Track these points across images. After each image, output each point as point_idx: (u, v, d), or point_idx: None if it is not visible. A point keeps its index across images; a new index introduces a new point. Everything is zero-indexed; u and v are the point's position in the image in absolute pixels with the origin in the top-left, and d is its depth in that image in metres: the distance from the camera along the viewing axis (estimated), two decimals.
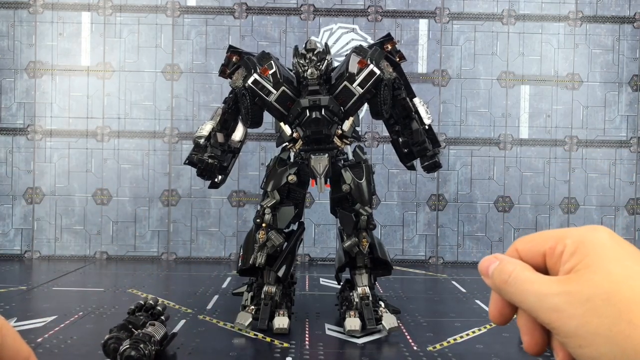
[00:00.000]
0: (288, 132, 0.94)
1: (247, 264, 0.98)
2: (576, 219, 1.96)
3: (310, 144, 0.92)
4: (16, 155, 1.92)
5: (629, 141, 1.97)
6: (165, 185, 1.93)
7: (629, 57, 1.96)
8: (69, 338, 0.99)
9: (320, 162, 0.90)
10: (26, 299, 1.31)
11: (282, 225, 0.96)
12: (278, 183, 0.95)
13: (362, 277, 0.97)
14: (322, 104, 0.88)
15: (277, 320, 0.94)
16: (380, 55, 0.93)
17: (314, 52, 0.90)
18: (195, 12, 1.94)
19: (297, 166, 0.96)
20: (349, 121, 0.93)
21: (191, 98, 1.93)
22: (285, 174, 0.94)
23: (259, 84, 0.91)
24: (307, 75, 0.90)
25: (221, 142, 1.00)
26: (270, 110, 0.94)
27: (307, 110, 0.89)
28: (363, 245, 0.94)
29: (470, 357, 0.93)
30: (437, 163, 0.97)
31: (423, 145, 0.95)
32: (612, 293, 0.47)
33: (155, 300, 0.98)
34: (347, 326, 0.91)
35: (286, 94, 0.91)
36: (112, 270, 1.73)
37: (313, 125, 0.90)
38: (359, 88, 0.90)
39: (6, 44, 1.92)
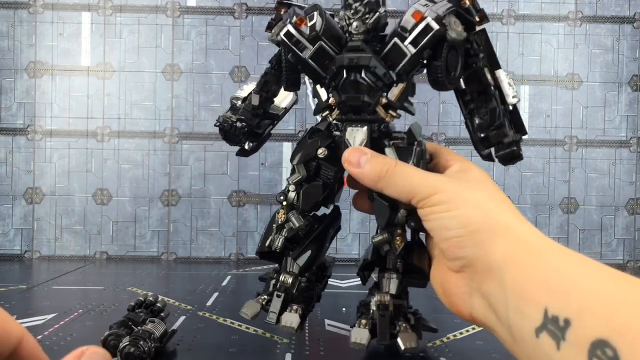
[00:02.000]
0: (324, 97, 0.78)
1: (264, 247, 0.83)
2: (576, 218, 1.96)
3: (348, 113, 0.75)
4: (16, 155, 1.92)
5: (628, 141, 1.97)
6: (165, 185, 1.93)
7: (629, 57, 1.97)
8: (69, 335, 0.99)
9: (357, 135, 0.74)
10: (26, 297, 1.31)
11: (305, 206, 0.79)
12: (306, 156, 0.79)
13: (390, 282, 0.79)
14: (360, 63, 0.71)
15: (286, 315, 0.78)
16: (446, 9, 0.71)
17: (362, 2, 0.74)
18: (195, 12, 1.94)
19: (331, 139, 0.79)
20: (398, 88, 0.74)
21: (191, 98, 1.93)
22: (316, 146, 0.78)
23: (292, 37, 0.75)
24: (351, 29, 0.74)
25: (255, 105, 0.87)
26: (305, 70, 0.77)
27: (344, 71, 0.73)
28: (396, 244, 0.75)
29: (470, 353, 0.93)
30: (516, 153, 0.75)
31: (501, 129, 0.74)
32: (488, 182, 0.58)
33: (155, 297, 0.98)
34: (352, 337, 0.75)
35: (324, 51, 0.74)
36: (112, 270, 1.73)
37: (350, 89, 0.73)
38: (410, 47, 0.71)
39: (6, 44, 1.92)
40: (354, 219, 1.91)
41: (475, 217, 0.55)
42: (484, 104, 0.75)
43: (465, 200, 0.57)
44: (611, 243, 1.96)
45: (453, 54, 0.73)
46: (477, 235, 0.55)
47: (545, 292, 0.45)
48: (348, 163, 0.67)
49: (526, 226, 0.55)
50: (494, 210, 0.57)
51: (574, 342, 0.40)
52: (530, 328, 0.45)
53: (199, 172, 1.93)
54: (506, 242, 0.53)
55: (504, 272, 0.51)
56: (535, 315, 0.45)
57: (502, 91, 0.75)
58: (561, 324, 0.42)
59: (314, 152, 0.78)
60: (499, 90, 0.75)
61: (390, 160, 0.64)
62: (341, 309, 1.18)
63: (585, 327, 0.40)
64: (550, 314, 0.44)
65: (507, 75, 0.76)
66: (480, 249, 0.54)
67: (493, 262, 0.53)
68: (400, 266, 0.77)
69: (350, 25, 0.73)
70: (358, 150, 0.67)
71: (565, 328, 0.41)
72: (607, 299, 0.41)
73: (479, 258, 0.54)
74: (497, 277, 0.52)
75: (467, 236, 0.55)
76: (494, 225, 0.55)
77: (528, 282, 0.48)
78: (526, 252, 0.51)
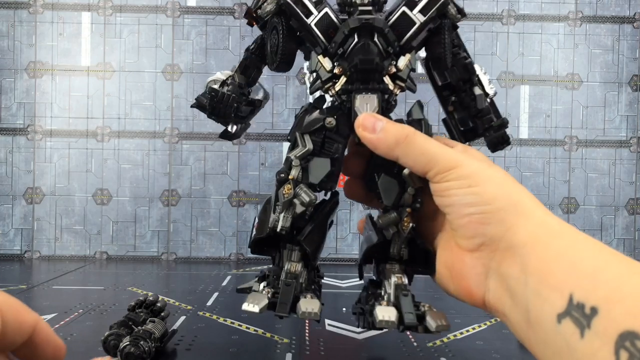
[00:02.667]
0: (328, 67, 0.72)
1: (264, 231, 0.73)
2: (576, 218, 1.96)
3: (355, 82, 0.70)
4: (16, 155, 1.92)
5: (628, 141, 1.97)
6: (165, 185, 1.93)
7: (629, 57, 1.97)
8: (69, 335, 0.99)
9: (368, 102, 0.69)
10: (26, 297, 1.31)
11: (314, 179, 0.72)
12: (312, 125, 0.72)
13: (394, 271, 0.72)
14: (375, 25, 0.68)
15: (303, 302, 0.68)
16: None
17: None
18: (195, 12, 1.94)
19: (337, 110, 0.73)
20: (406, 57, 0.71)
21: (191, 98, 1.93)
22: (322, 116, 0.72)
23: (299, 1, 0.71)
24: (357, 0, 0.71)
25: (240, 82, 0.82)
26: (308, 38, 0.72)
27: (356, 35, 0.69)
28: (404, 226, 0.69)
29: (471, 353, 0.92)
30: (506, 136, 0.75)
31: (488, 115, 0.74)
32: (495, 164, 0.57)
33: (155, 297, 0.98)
34: (379, 315, 0.66)
35: (329, 18, 0.71)
36: (112, 270, 1.73)
37: (362, 53, 0.69)
38: (420, 15, 0.70)
39: (6, 44, 1.92)
40: (354, 219, 1.91)
41: (499, 194, 0.54)
42: (467, 93, 0.75)
43: (487, 177, 0.55)
44: (611, 243, 1.96)
45: (447, 34, 0.72)
46: (501, 213, 0.53)
47: (571, 277, 0.44)
48: (363, 128, 0.63)
49: (547, 211, 0.54)
50: (515, 189, 0.55)
51: (601, 331, 0.39)
52: (552, 313, 0.44)
53: (199, 172, 1.93)
54: (531, 223, 0.51)
55: (527, 253, 0.49)
56: (559, 301, 0.44)
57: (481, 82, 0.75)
58: (587, 311, 0.41)
59: (322, 121, 0.72)
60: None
61: (409, 128, 0.62)
62: (341, 309, 1.18)
63: (614, 317, 0.39)
64: (575, 301, 0.42)
65: (481, 68, 0.77)
66: (505, 227, 0.52)
67: (517, 242, 0.51)
68: (405, 253, 0.71)
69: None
70: (372, 116, 0.64)
71: (592, 316, 0.40)
72: (637, 290, 0.40)
73: (503, 236, 0.53)
74: (519, 258, 0.50)
75: (492, 213, 0.53)
76: (518, 205, 0.53)
77: (553, 266, 0.46)
78: (551, 235, 0.49)
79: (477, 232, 0.54)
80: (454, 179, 0.56)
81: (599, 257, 0.45)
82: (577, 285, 0.43)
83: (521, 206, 0.53)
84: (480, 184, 0.55)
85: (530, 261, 0.48)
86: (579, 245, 0.47)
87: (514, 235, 0.51)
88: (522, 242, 0.50)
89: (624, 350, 0.37)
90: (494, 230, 0.53)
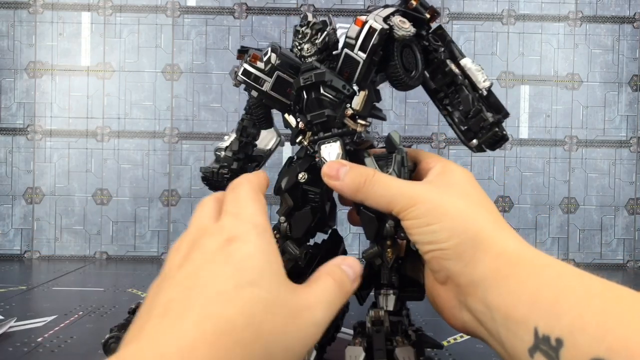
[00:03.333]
0: (293, 123, 0.77)
1: None
2: (576, 218, 1.96)
3: (318, 133, 0.73)
4: (16, 155, 1.92)
5: (628, 141, 1.97)
6: (165, 185, 1.93)
7: (629, 57, 1.97)
8: (69, 337, 0.99)
9: (331, 150, 0.71)
10: (26, 298, 1.31)
11: (296, 233, 0.76)
12: (288, 183, 0.77)
13: (387, 299, 0.75)
14: (316, 80, 0.71)
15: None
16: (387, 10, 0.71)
17: (308, 25, 0.74)
18: (195, 12, 1.94)
19: (309, 162, 0.76)
20: (360, 96, 0.72)
21: (191, 98, 1.93)
22: (296, 172, 0.76)
23: (250, 74, 0.77)
24: (304, 53, 0.74)
25: (235, 150, 0.88)
26: (270, 102, 0.79)
27: (304, 92, 0.72)
28: (388, 257, 0.72)
29: (471, 356, 0.93)
30: (499, 134, 0.73)
31: (478, 115, 0.73)
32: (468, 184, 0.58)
33: None
34: (347, 356, 0.70)
35: (283, 80, 0.76)
36: (112, 270, 1.73)
37: (313, 107, 0.72)
38: (361, 53, 0.70)
39: (6, 44, 1.92)
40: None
41: (456, 230, 0.53)
42: (455, 95, 0.74)
43: (443, 212, 0.55)
44: (611, 243, 1.96)
45: (408, 52, 0.72)
46: (458, 248, 0.53)
47: (532, 310, 0.44)
48: (328, 177, 0.65)
49: (509, 235, 0.53)
50: (475, 219, 0.54)
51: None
52: (523, 348, 0.44)
53: (199, 173, 1.93)
54: (489, 254, 0.51)
55: (488, 289, 0.49)
56: (526, 336, 0.44)
57: (472, 79, 0.74)
58: (553, 343, 0.41)
59: (295, 178, 0.76)
60: (468, 79, 0.74)
61: (369, 170, 0.63)
62: None
63: (579, 346, 0.39)
64: (540, 334, 0.42)
65: (473, 62, 0.75)
66: (464, 263, 0.52)
67: (477, 278, 0.51)
68: (396, 280, 0.74)
69: (302, 50, 0.74)
70: (336, 163, 0.66)
71: (558, 348, 0.40)
72: (599, 315, 0.40)
73: (462, 272, 0.53)
74: (481, 294, 0.50)
75: (449, 250, 0.53)
76: (476, 237, 0.52)
77: (514, 300, 0.46)
78: (510, 266, 0.49)
79: (441, 267, 0.55)
80: (413, 217, 0.57)
81: (559, 284, 0.44)
82: (539, 317, 0.43)
83: (479, 238, 0.53)
84: (437, 221, 0.55)
85: (493, 297, 0.48)
86: (539, 272, 0.47)
87: (473, 271, 0.52)
88: (482, 277, 0.50)
89: None
90: (454, 267, 0.53)
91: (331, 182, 0.65)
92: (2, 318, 1.10)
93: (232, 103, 1.93)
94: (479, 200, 0.58)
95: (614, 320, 0.39)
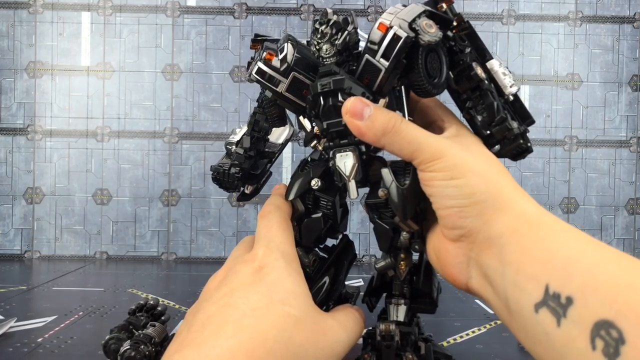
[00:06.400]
0: (308, 127, 0.72)
1: None
2: (576, 218, 1.96)
3: (335, 140, 0.69)
4: (16, 155, 1.92)
5: (628, 141, 1.97)
6: (165, 185, 1.93)
7: (629, 57, 1.96)
8: (69, 338, 0.99)
9: (346, 160, 0.68)
10: (26, 298, 1.31)
11: (306, 241, 0.72)
12: (301, 189, 0.73)
13: (397, 309, 0.73)
14: (334, 87, 0.66)
15: None
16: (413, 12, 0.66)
17: (328, 24, 0.69)
18: (195, 12, 1.94)
19: (323, 167, 0.73)
20: (380, 104, 0.67)
21: (191, 98, 1.93)
22: (309, 178, 0.72)
23: (265, 73, 0.71)
24: (322, 54, 0.69)
25: (246, 147, 0.85)
26: (285, 103, 0.74)
27: (321, 98, 0.68)
28: (400, 270, 0.71)
29: (470, 357, 0.93)
30: (523, 146, 0.68)
31: (503, 124, 0.67)
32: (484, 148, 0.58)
33: (156, 300, 0.98)
34: None
35: (299, 81, 0.70)
36: (112, 270, 1.73)
37: (331, 115, 0.67)
38: (383, 61, 0.65)
39: (6, 44, 1.92)
40: (354, 219, 1.92)
41: (479, 187, 0.53)
42: (480, 100, 0.69)
43: (469, 169, 0.55)
44: (611, 243, 1.96)
45: (433, 57, 0.68)
46: (480, 206, 0.53)
47: (546, 268, 0.44)
48: (350, 114, 0.61)
49: (528, 199, 0.54)
50: (496, 180, 0.55)
51: (576, 320, 0.40)
52: (529, 303, 0.44)
53: (199, 172, 1.93)
54: (509, 214, 0.51)
55: (504, 245, 0.50)
56: (535, 292, 0.44)
57: (498, 83, 0.70)
58: (563, 301, 0.41)
59: (307, 184, 0.72)
60: (494, 82, 0.70)
61: (396, 115, 0.60)
62: None
63: (588, 306, 0.39)
64: (551, 291, 0.43)
65: (500, 64, 0.70)
66: (482, 220, 0.53)
67: (494, 234, 0.51)
68: (408, 291, 0.72)
69: (321, 50, 0.69)
70: (361, 101, 0.61)
71: (567, 306, 0.41)
72: (612, 279, 0.40)
73: (480, 229, 0.53)
74: (496, 250, 0.51)
75: (471, 207, 0.53)
76: (497, 197, 0.53)
77: (529, 257, 0.47)
78: (528, 226, 0.50)
79: (456, 225, 0.55)
80: (438, 170, 0.56)
81: (575, 246, 0.45)
82: (552, 275, 0.44)
83: (501, 198, 0.53)
84: (462, 176, 0.55)
85: (507, 252, 0.49)
86: (556, 235, 0.48)
87: (491, 228, 0.52)
88: (499, 233, 0.51)
89: (600, 339, 0.38)
90: (472, 224, 0.53)
91: (353, 121, 0.61)
92: (2, 318, 1.10)
93: (232, 103, 1.93)
94: (497, 165, 0.58)
95: (626, 285, 0.39)
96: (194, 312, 0.48)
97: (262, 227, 0.54)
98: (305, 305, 0.47)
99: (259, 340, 0.42)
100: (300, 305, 0.46)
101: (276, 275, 0.48)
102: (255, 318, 0.43)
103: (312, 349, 0.45)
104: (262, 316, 0.44)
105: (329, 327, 0.47)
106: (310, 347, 0.44)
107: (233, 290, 0.47)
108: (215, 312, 0.45)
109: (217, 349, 0.41)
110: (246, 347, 0.41)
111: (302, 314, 0.45)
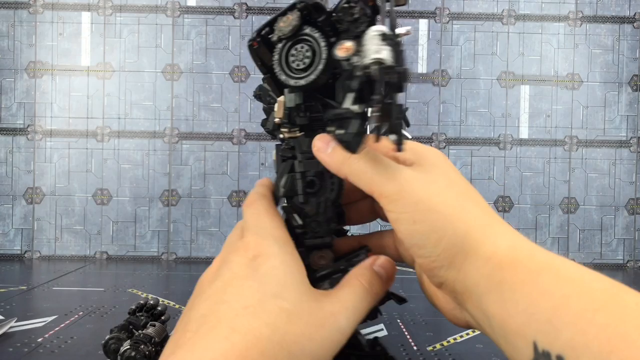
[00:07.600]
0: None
1: None
2: (576, 218, 1.96)
3: None
4: (16, 155, 1.92)
5: (629, 141, 1.97)
6: (165, 185, 1.93)
7: (629, 57, 1.97)
8: (69, 338, 0.99)
9: None
10: (26, 298, 1.31)
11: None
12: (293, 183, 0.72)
13: None
14: None
15: None
16: None
17: None
18: (195, 12, 1.94)
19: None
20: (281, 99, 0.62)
21: (191, 98, 1.93)
22: None
23: None
24: None
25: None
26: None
27: None
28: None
29: (470, 356, 0.93)
30: None
31: None
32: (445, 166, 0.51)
33: (156, 300, 0.98)
34: None
35: None
36: (112, 270, 1.73)
37: None
38: None
39: (6, 44, 1.92)
40: None
41: (446, 231, 0.50)
42: None
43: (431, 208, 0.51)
44: (611, 243, 1.96)
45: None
46: (450, 253, 0.50)
47: (530, 321, 0.42)
48: (316, 149, 0.62)
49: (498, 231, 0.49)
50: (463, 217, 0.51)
51: None
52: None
53: (199, 172, 1.93)
54: (480, 259, 0.48)
55: (482, 296, 0.47)
56: (526, 350, 0.42)
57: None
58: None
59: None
60: None
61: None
62: None
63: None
64: (540, 349, 0.41)
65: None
66: (456, 269, 0.50)
67: (470, 284, 0.48)
68: None
69: None
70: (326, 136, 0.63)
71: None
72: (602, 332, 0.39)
73: (456, 278, 0.50)
74: (476, 301, 0.48)
75: (441, 255, 0.50)
76: (466, 239, 0.49)
77: (509, 309, 0.44)
78: (500, 270, 0.46)
79: (433, 274, 0.52)
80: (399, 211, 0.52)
81: (556, 292, 0.43)
82: (538, 330, 0.41)
83: (469, 239, 0.49)
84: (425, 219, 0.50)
85: (488, 304, 0.46)
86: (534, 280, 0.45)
87: (466, 277, 0.49)
88: (475, 282, 0.47)
89: None
90: (447, 274, 0.50)
91: (319, 155, 0.61)
92: (2, 318, 1.10)
93: (232, 103, 1.93)
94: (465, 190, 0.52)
95: (620, 340, 0.38)
96: (190, 307, 0.48)
97: (249, 215, 0.51)
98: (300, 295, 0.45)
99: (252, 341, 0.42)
100: (294, 297, 0.45)
101: (270, 265, 0.46)
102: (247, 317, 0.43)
103: (309, 343, 0.44)
104: (255, 314, 0.43)
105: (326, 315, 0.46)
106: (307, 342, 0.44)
107: (226, 285, 0.46)
108: (209, 310, 0.45)
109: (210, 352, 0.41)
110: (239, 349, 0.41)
111: (297, 307, 0.44)
